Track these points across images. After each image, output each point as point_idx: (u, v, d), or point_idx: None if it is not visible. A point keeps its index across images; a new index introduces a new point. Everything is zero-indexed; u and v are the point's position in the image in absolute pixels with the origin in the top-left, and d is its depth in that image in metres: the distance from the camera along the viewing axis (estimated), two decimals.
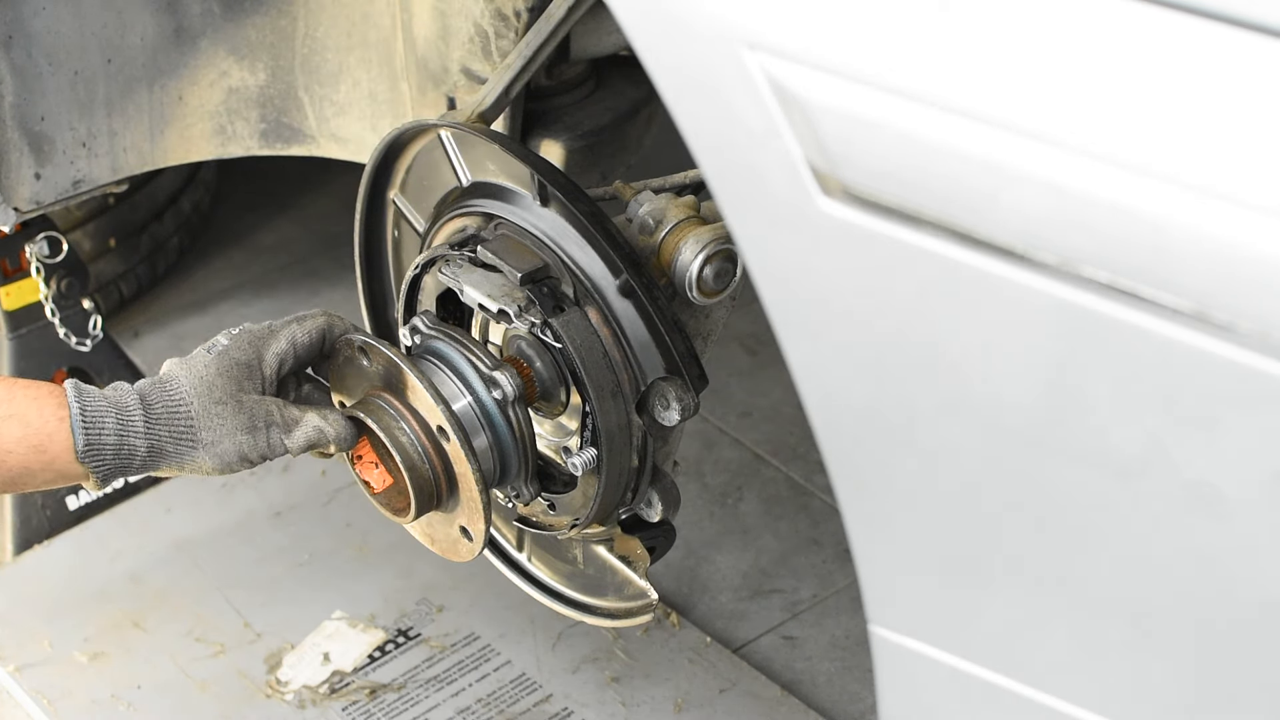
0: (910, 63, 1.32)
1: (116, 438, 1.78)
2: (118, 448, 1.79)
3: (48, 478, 1.79)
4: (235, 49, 2.32)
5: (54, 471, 1.79)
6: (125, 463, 1.79)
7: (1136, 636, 1.39)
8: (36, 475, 1.79)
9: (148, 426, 1.79)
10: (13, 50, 2.21)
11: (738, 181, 1.43)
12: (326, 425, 1.84)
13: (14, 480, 1.79)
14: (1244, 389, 1.23)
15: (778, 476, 2.98)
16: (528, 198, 1.90)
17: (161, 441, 1.80)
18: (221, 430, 1.80)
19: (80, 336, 2.89)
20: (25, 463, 1.78)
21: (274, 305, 3.44)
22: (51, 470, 1.79)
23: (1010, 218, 1.29)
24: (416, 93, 2.16)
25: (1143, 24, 1.25)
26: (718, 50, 1.38)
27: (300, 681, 2.63)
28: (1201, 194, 1.22)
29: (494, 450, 1.90)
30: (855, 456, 1.47)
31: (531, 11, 1.97)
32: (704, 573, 2.81)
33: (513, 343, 1.97)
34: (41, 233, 2.79)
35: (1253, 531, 1.28)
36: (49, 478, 1.80)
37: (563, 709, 2.58)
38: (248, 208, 3.71)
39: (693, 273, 1.86)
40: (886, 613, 1.52)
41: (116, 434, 1.79)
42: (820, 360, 1.45)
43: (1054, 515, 1.38)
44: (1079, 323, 1.29)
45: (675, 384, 1.85)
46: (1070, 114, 1.26)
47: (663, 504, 1.97)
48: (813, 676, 2.64)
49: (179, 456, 1.81)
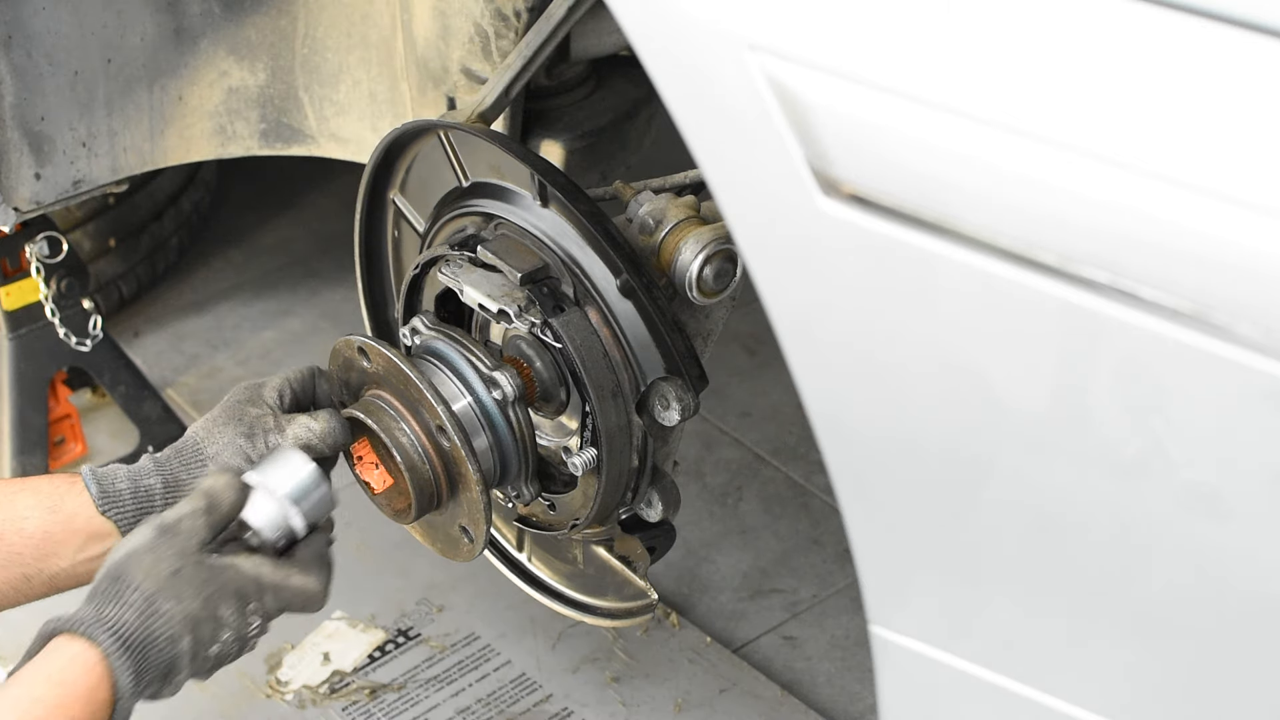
0: (910, 64, 1.32)
1: (130, 482, 1.82)
2: (134, 490, 1.82)
3: (75, 544, 1.80)
4: (235, 49, 2.32)
5: (75, 532, 1.80)
6: (146, 504, 1.82)
7: (1136, 636, 1.39)
8: (61, 543, 1.80)
9: (157, 464, 1.84)
10: (13, 50, 2.21)
11: (738, 182, 1.43)
12: (313, 423, 1.86)
13: (42, 555, 1.79)
14: (1244, 389, 1.23)
15: (778, 476, 2.98)
16: (528, 198, 1.90)
17: (175, 471, 1.84)
18: (223, 440, 1.85)
19: (80, 336, 2.89)
20: (45, 527, 1.80)
21: (274, 305, 3.44)
22: (71, 530, 1.80)
23: (1010, 218, 1.29)
24: (416, 93, 2.16)
25: (1142, 25, 1.25)
26: (718, 51, 1.38)
27: (300, 681, 2.63)
28: (1201, 194, 1.22)
29: (494, 450, 1.90)
30: (855, 457, 1.47)
31: (531, 11, 1.97)
32: (704, 573, 2.81)
33: (512, 343, 1.97)
34: (41, 233, 2.79)
35: (1253, 531, 1.28)
36: (76, 544, 1.80)
37: (563, 709, 2.58)
38: (248, 208, 3.70)
39: (693, 273, 1.86)
40: (886, 613, 1.52)
41: (130, 479, 1.83)
42: (820, 360, 1.45)
43: (1054, 515, 1.38)
44: (1079, 323, 1.29)
45: (675, 384, 1.85)
46: (1070, 115, 1.26)
47: (663, 504, 1.97)
48: (813, 676, 2.64)
49: (194, 483, 1.84)
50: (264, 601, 1.75)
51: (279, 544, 1.79)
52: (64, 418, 2.99)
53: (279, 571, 1.76)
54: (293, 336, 3.36)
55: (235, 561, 1.73)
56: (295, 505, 1.80)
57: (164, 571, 1.69)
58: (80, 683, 1.64)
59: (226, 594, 1.72)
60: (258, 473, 1.81)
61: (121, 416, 3.04)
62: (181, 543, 1.71)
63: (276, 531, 1.79)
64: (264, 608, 1.75)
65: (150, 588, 1.68)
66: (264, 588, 1.74)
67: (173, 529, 1.72)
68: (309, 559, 1.80)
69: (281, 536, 1.79)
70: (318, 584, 1.79)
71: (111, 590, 1.68)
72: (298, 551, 1.80)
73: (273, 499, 1.79)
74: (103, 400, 3.10)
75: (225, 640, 1.72)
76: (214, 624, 1.71)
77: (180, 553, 1.71)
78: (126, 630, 1.66)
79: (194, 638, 1.69)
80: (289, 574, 1.77)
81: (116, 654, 1.65)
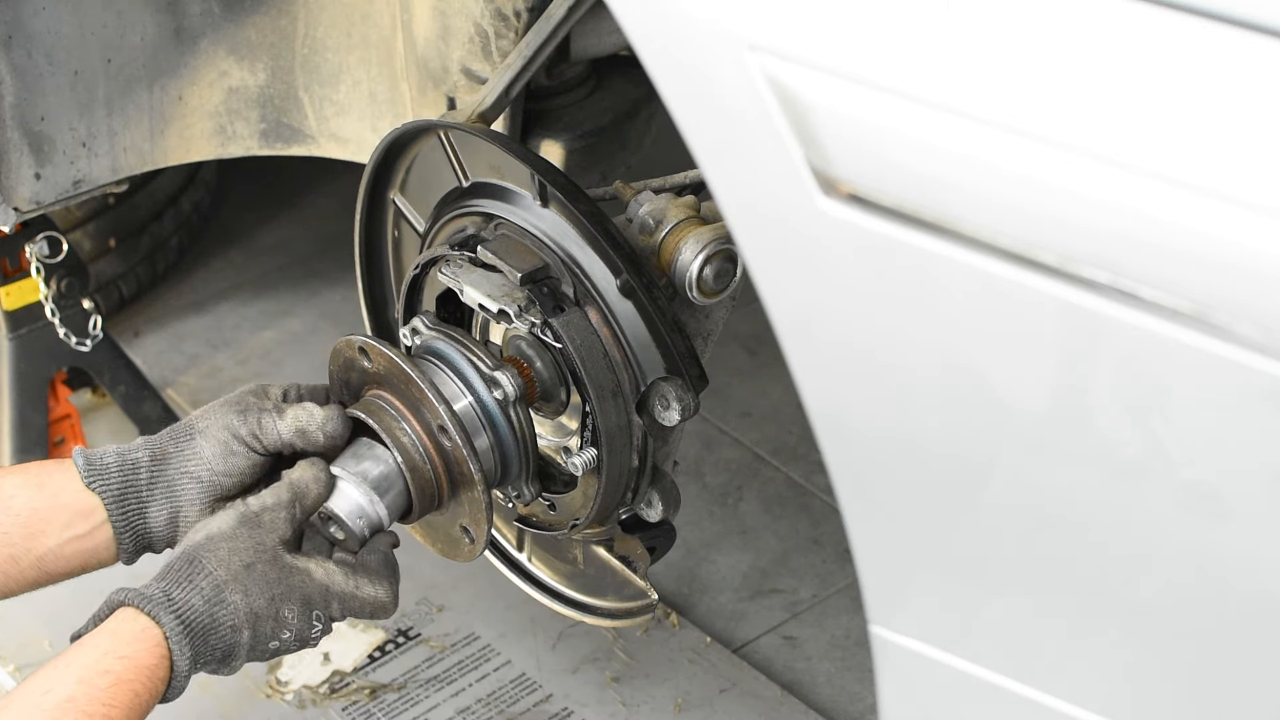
0: (910, 63, 1.32)
1: (117, 456, 1.83)
2: (120, 463, 1.83)
3: (62, 520, 1.81)
4: (235, 49, 2.32)
5: (62, 508, 1.81)
6: (131, 475, 1.81)
7: (1136, 636, 1.39)
8: (48, 521, 1.80)
9: (146, 440, 1.85)
10: (13, 50, 2.21)
11: (738, 182, 1.43)
12: (315, 409, 1.86)
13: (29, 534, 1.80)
14: (1244, 389, 1.23)
15: (778, 476, 2.98)
16: (528, 198, 1.90)
17: (163, 444, 1.85)
18: (213, 416, 1.86)
19: (80, 336, 2.89)
20: (32, 505, 1.80)
21: (274, 305, 3.44)
22: (57, 505, 1.80)
23: (1010, 218, 1.29)
24: (416, 93, 2.16)
25: (1142, 25, 1.25)
26: (718, 51, 1.38)
27: (300, 681, 2.63)
28: (1201, 194, 1.22)
29: (495, 450, 1.90)
30: (855, 456, 1.47)
31: (531, 11, 1.97)
32: (704, 573, 2.81)
33: (513, 343, 1.97)
34: (41, 233, 2.78)
35: (1252, 531, 1.28)
36: (63, 520, 1.81)
37: (563, 709, 2.58)
38: (248, 208, 3.70)
39: (693, 273, 1.86)
40: (886, 613, 1.52)
41: (117, 453, 1.84)
42: (820, 360, 1.45)
43: (1054, 515, 1.39)
44: (1079, 323, 1.29)
45: (675, 384, 1.85)
46: (1070, 115, 1.26)
47: (663, 504, 1.97)
48: (813, 676, 2.64)
49: (180, 455, 1.82)
50: (330, 609, 1.78)
51: (363, 534, 1.82)
52: (64, 418, 2.99)
53: (350, 580, 1.79)
54: (293, 336, 3.36)
55: (309, 566, 1.77)
56: (380, 497, 1.83)
57: (237, 563, 1.73)
58: (144, 659, 1.68)
59: (293, 598, 1.75)
60: (341, 464, 1.84)
61: (121, 416, 3.04)
62: (261, 536, 1.75)
63: (360, 520, 1.82)
64: (329, 614, 1.78)
65: (222, 576, 1.72)
66: (331, 596, 1.78)
67: (255, 520, 1.75)
68: (377, 565, 1.83)
69: (366, 526, 1.83)
70: (387, 594, 1.82)
71: (185, 572, 1.72)
72: (365, 556, 1.83)
73: (359, 489, 1.82)
74: (103, 400, 3.10)
75: (285, 639, 1.76)
76: (275, 623, 1.74)
77: (257, 546, 1.74)
78: (192, 615, 1.70)
79: (253, 632, 1.73)
80: (359, 583, 1.80)
81: (178, 636, 1.69)
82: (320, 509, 1.82)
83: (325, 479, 1.81)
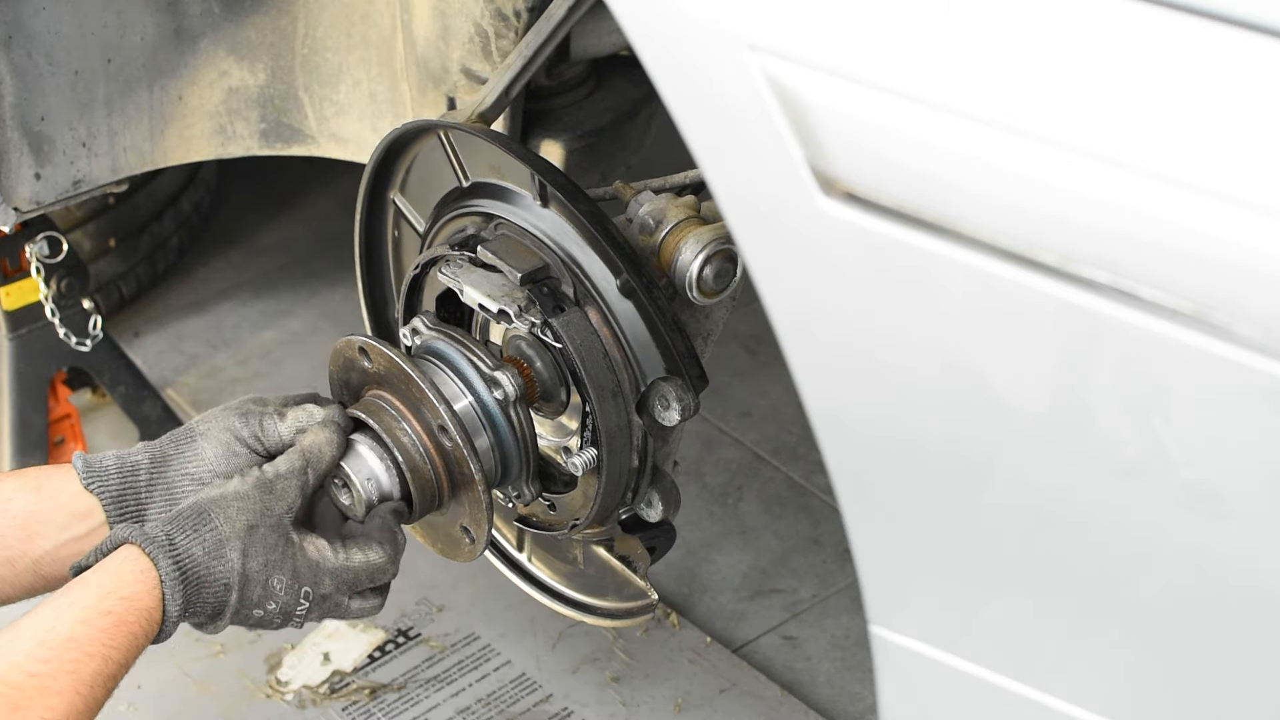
0: (910, 63, 1.32)
1: (117, 459, 1.84)
2: (120, 466, 1.83)
3: (59, 522, 1.81)
4: (235, 49, 2.32)
5: (59, 509, 1.81)
6: (130, 478, 1.82)
7: (1136, 636, 1.39)
8: (45, 522, 1.80)
9: (146, 444, 1.86)
10: (13, 50, 2.21)
11: (737, 181, 1.43)
12: (316, 409, 1.87)
13: (26, 535, 1.80)
14: (1244, 389, 1.23)
15: (778, 476, 2.98)
16: (528, 198, 1.90)
17: (163, 447, 1.85)
18: (215, 420, 1.86)
19: (80, 336, 2.89)
20: (29, 507, 1.81)
21: (274, 305, 3.44)
22: (55, 507, 1.81)
23: (1010, 218, 1.29)
24: (416, 93, 2.16)
25: (1142, 25, 1.25)
26: (718, 51, 1.38)
27: (300, 681, 2.63)
28: (1201, 194, 1.22)
29: (495, 450, 1.90)
30: (855, 456, 1.47)
31: (531, 11, 1.97)
32: (704, 573, 2.81)
33: (513, 343, 1.97)
34: (41, 233, 2.79)
35: (1252, 531, 1.28)
36: (60, 522, 1.81)
37: (563, 709, 2.58)
38: (248, 208, 3.70)
39: (693, 273, 1.86)
40: (886, 613, 1.52)
41: (117, 456, 1.84)
42: (820, 360, 1.45)
43: (1054, 515, 1.39)
44: (1079, 323, 1.29)
45: (675, 384, 1.85)
46: (1070, 115, 1.26)
47: (663, 504, 1.97)
48: (813, 676, 2.64)
49: (180, 457, 1.82)
50: (320, 587, 1.79)
51: (369, 499, 1.84)
52: (64, 418, 2.99)
53: (339, 553, 1.80)
54: (293, 336, 3.36)
55: (303, 543, 1.78)
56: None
57: (243, 523, 1.74)
58: (143, 601, 1.69)
59: (284, 569, 1.76)
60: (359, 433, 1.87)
61: (121, 416, 3.04)
62: (271, 502, 1.76)
63: (370, 483, 1.84)
64: (320, 592, 1.79)
65: (226, 532, 1.73)
66: (323, 572, 1.79)
67: (269, 486, 1.77)
68: (371, 531, 1.84)
69: (375, 490, 1.85)
70: (380, 555, 1.83)
71: (192, 521, 1.73)
72: (360, 527, 1.84)
73: (373, 454, 1.85)
74: (103, 400, 3.10)
75: (269, 610, 1.77)
76: (263, 590, 1.76)
77: (264, 511, 1.76)
78: (190, 563, 1.72)
79: (240, 595, 1.74)
80: (350, 554, 1.81)
81: (173, 581, 1.70)
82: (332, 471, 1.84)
83: (338, 441, 1.83)
